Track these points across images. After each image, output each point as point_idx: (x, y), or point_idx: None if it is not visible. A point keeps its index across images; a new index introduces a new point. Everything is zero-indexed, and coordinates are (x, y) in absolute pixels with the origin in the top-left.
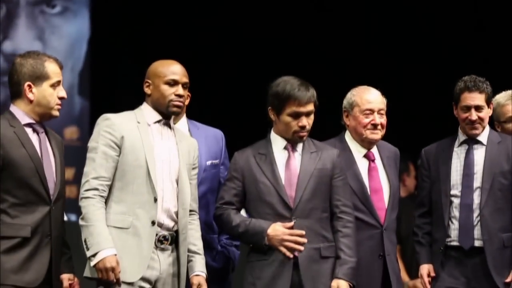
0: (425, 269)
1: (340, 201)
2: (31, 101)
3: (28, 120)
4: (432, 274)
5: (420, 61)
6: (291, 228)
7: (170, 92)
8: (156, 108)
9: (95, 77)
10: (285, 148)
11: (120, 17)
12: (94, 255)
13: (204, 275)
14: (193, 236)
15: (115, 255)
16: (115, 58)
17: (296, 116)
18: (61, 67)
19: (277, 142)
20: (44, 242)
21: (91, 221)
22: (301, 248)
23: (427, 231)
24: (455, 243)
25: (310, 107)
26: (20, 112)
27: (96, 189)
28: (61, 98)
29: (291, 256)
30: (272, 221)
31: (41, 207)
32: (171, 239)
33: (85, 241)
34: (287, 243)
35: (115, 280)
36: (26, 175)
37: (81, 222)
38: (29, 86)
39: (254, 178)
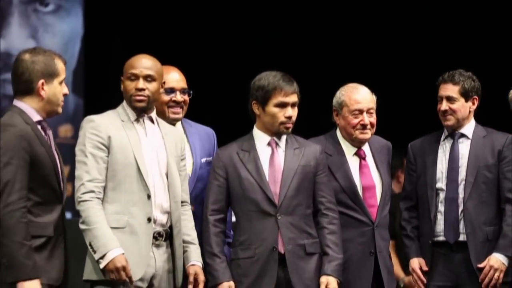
0: (416, 263)
1: (325, 198)
2: (42, 99)
3: (38, 117)
4: (424, 268)
5: (416, 56)
6: None
7: (131, 87)
8: (128, 103)
9: (88, 75)
10: (269, 144)
11: (114, 15)
12: (102, 257)
13: (200, 265)
14: (186, 227)
15: (123, 254)
16: (109, 56)
17: (283, 106)
18: (65, 63)
19: (261, 138)
20: (59, 240)
21: (93, 224)
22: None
23: (415, 225)
24: (441, 238)
25: (295, 98)
26: (31, 109)
27: (93, 191)
28: (64, 95)
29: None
30: (257, 218)
31: (57, 206)
32: (165, 235)
33: (90, 244)
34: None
35: (127, 279)
36: (47, 174)
37: (82, 226)
38: (43, 83)
39: (238, 175)
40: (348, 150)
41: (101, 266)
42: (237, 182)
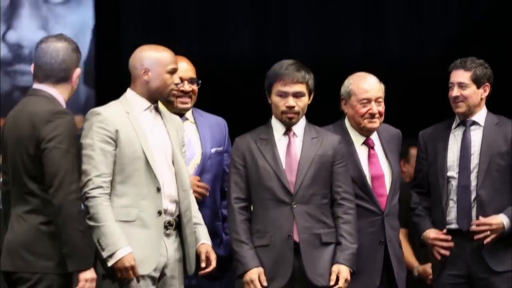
0: (433, 232)
1: (341, 188)
2: (72, 87)
3: (64, 105)
4: (443, 236)
5: (425, 43)
6: None
7: (171, 81)
8: (150, 95)
9: (100, 66)
10: (286, 133)
11: (124, 6)
12: (111, 256)
13: (210, 243)
14: (195, 210)
15: (131, 252)
16: (120, 47)
17: (283, 95)
18: None
19: (278, 127)
20: None
21: (101, 221)
22: None
23: (425, 206)
24: (454, 226)
25: (298, 88)
26: (60, 96)
27: (101, 187)
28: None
29: None
30: (272, 207)
31: None
32: (174, 224)
33: (98, 242)
34: None
35: (134, 278)
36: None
37: (90, 223)
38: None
39: (255, 163)
40: (357, 139)
41: (109, 264)
42: (254, 170)
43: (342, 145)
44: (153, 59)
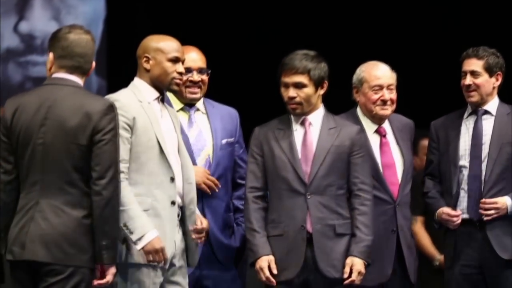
0: (448, 209)
1: (358, 179)
2: (86, 79)
3: None
4: (456, 213)
5: (437, 36)
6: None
7: (172, 69)
8: (153, 84)
9: (111, 56)
10: (303, 123)
11: None
12: (140, 239)
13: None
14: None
15: (158, 236)
16: (131, 37)
17: (285, 86)
18: None
19: (296, 117)
20: None
21: (127, 204)
22: None
23: (438, 190)
24: (465, 216)
25: (298, 78)
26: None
27: (122, 172)
28: None
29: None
30: (287, 197)
31: None
32: (179, 216)
33: (125, 225)
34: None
35: (163, 261)
36: None
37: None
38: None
39: (272, 152)
40: (369, 127)
41: (138, 247)
42: (271, 160)
43: (361, 135)
44: (154, 48)
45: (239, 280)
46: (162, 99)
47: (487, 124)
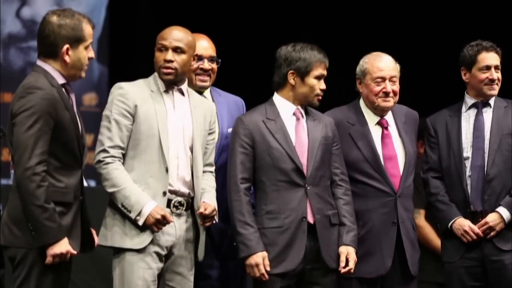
0: (466, 223)
1: (339, 169)
2: (66, 63)
3: (62, 80)
4: (479, 230)
5: (442, 29)
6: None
7: (160, 58)
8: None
9: (113, 43)
10: (294, 114)
11: None
12: (139, 214)
13: (213, 205)
14: (205, 183)
15: (157, 205)
16: (134, 24)
17: (320, 78)
18: (93, 27)
19: (285, 107)
20: (77, 206)
21: (120, 185)
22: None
23: (446, 191)
24: (473, 208)
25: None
26: (55, 71)
27: (113, 156)
28: (90, 59)
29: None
30: (285, 188)
31: (76, 171)
32: (186, 205)
33: (122, 205)
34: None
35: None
36: (70, 139)
37: (110, 190)
38: (67, 49)
39: (266, 144)
40: (371, 119)
41: (140, 223)
42: (266, 151)
43: (336, 126)
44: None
45: (240, 269)
46: (180, 90)
47: (487, 117)
